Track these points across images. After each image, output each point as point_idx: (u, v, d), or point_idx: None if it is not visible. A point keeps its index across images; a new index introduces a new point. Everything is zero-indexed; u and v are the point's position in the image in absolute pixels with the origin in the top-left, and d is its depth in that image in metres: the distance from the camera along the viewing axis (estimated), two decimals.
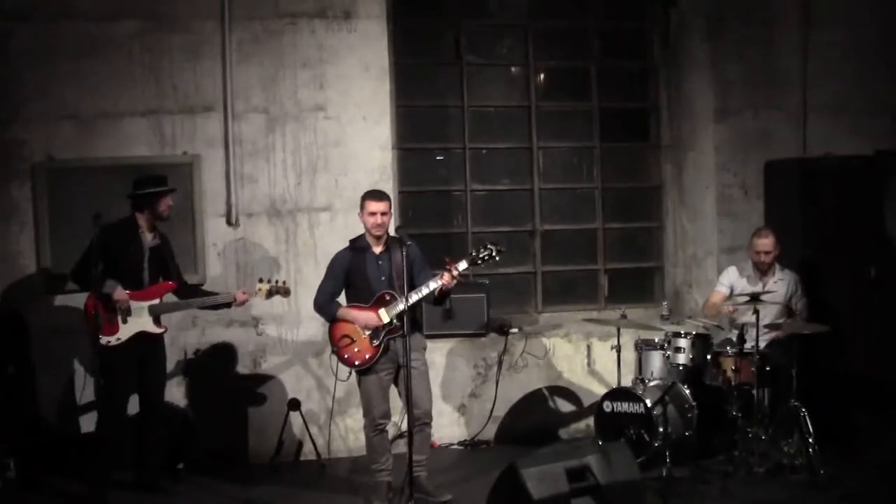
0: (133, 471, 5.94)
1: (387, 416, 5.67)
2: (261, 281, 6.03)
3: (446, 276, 5.44)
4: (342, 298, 5.76)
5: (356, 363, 5.57)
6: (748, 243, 6.65)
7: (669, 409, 6.15)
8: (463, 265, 5.49)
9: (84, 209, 5.86)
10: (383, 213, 5.57)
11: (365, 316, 5.55)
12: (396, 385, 5.70)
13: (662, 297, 7.88)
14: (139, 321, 5.76)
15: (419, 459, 5.59)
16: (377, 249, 5.62)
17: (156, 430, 5.97)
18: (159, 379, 6.01)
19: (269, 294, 5.97)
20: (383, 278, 5.56)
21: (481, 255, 5.55)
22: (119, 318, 5.71)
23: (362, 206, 5.63)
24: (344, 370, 5.65)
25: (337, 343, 5.61)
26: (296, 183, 6.83)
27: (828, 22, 7.53)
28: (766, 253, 6.50)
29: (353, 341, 5.57)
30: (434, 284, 5.46)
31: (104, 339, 5.66)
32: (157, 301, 5.84)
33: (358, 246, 5.68)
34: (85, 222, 5.63)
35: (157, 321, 5.85)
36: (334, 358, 5.67)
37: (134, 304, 5.74)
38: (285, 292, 6.01)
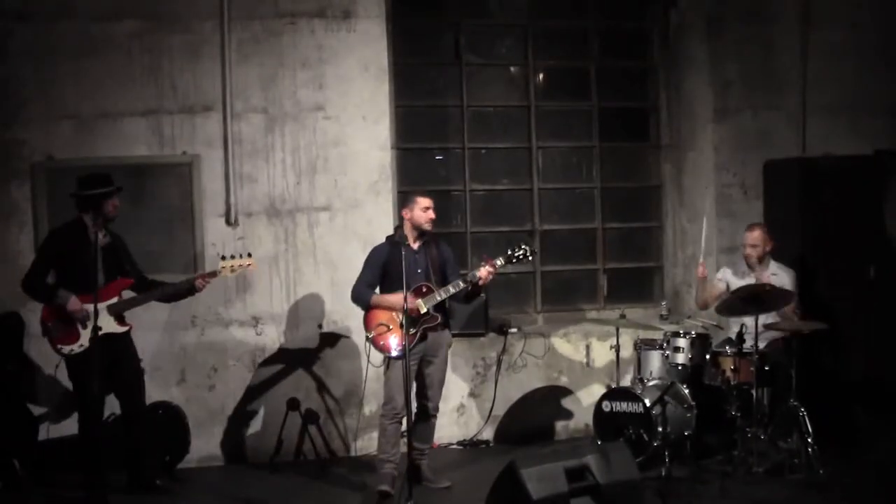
0: (128, 471, 5.90)
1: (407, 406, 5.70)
2: (223, 258, 5.93)
3: (484, 270, 5.71)
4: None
5: (392, 351, 5.69)
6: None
7: (668, 409, 6.14)
8: (500, 262, 5.79)
9: None
10: (434, 209, 5.83)
11: (397, 298, 5.61)
12: (418, 376, 5.84)
13: (662, 296, 7.88)
14: (100, 324, 5.48)
15: (422, 448, 5.86)
16: (414, 245, 5.79)
17: (141, 430, 5.88)
18: (133, 379, 5.88)
19: (233, 270, 5.87)
20: (419, 271, 5.75)
21: (517, 254, 5.84)
22: (78, 326, 5.58)
23: (412, 203, 5.81)
24: (377, 357, 5.78)
25: (373, 330, 5.72)
26: (295, 183, 6.84)
27: (828, 22, 7.53)
28: (753, 246, 6.49)
29: (389, 329, 5.70)
30: (470, 278, 5.73)
31: (66, 349, 5.61)
32: (115, 300, 5.71)
33: (396, 241, 5.79)
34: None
35: (119, 320, 5.73)
36: (369, 345, 5.74)
37: (91, 308, 5.46)
38: (248, 265, 5.91)
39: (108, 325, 5.63)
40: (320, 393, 6.86)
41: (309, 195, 6.86)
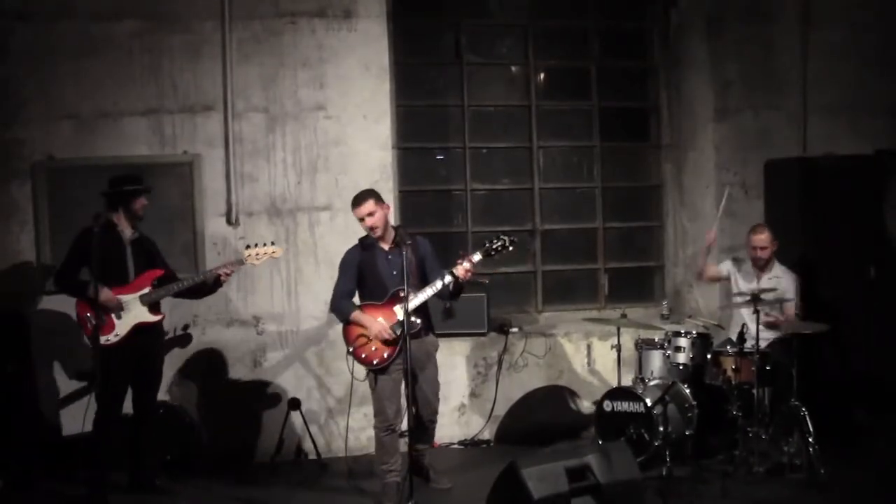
0: (128, 471, 5.90)
1: (399, 415, 5.64)
2: (248, 247, 5.92)
3: (460, 268, 5.47)
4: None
5: (374, 362, 5.56)
6: (745, 240, 6.65)
7: (669, 409, 6.15)
8: (477, 256, 5.54)
9: (84, 209, 5.86)
10: (369, 214, 5.53)
11: (377, 326, 5.50)
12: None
13: (662, 296, 7.89)
14: (133, 314, 5.71)
15: (422, 448, 5.77)
16: (385, 246, 5.61)
17: (148, 431, 5.91)
18: (154, 377, 5.92)
19: (258, 258, 5.87)
20: (395, 273, 5.49)
21: (495, 247, 5.57)
22: (113, 316, 5.68)
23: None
24: (360, 371, 5.64)
25: (353, 343, 5.59)
26: (296, 182, 6.84)
27: (828, 22, 7.54)
28: (763, 248, 6.51)
29: (369, 340, 5.55)
30: (448, 278, 5.49)
31: (102, 339, 5.61)
32: (147, 290, 5.78)
33: (367, 243, 5.67)
34: (85, 222, 5.64)
35: (152, 309, 5.80)
36: (350, 358, 5.61)
37: (124, 298, 5.70)
38: (273, 254, 5.91)
39: (142, 315, 5.74)
40: (320, 393, 6.86)
41: (310, 195, 6.85)
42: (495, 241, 5.58)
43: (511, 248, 5.61)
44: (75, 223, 5.92)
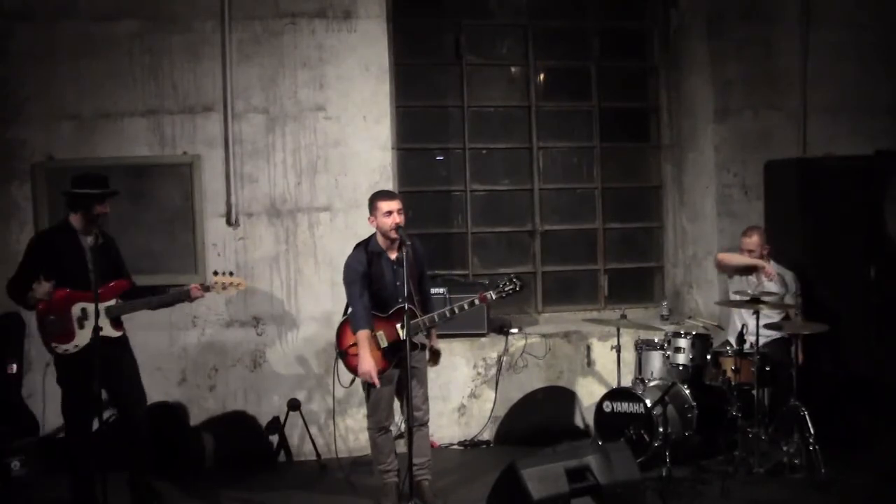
0: (128, 474, 5.74)
1: (391, 416, 5.62)
2: (216, 274, 5.65)
3: (476, 297, 5.52)
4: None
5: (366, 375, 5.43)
6: (739, 244, 6.63)
7: (669, 410, 6.15)
8: (491, 296, 5.53)
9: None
10: (399, 211, 5.41)
11: (365, 367, 5.33)
12: (399, 391, 5.57)
13: (662, 297, 7.89)
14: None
15: (420, 462, 5.55)
16: (392, 255, 5.45)
17: (137, 438, 5.60)
18: (130, 385, 5.57)
19: (224, 287, 5.61)
20: (398, 283, 5.33)
21: (507, 289, 5.56)
22: (75, 325, 5.35)
23: (374, 208, 5.44)
24: (346, 376, 5.52)
25: (345, 349, 5.48)
26: (296, 183, 6.84)
27: (828, 22, 7.54)
28: (751, 252, 6.48)
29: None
30: (471, 304, 5.51)
31: (61, 348, 5.36)
32: (113, 302, 5.44)
33: (371, 250, 5.47)
34: None
35: (115, 324, 5.45)
36: (337, 361, 5.55)
37: (90, 307, 5.23)
38: (237, 285, 5.64)
39: (105, 328, 5.34)
40: (320, 393, 6.85)
41: (309, 195, 6.85)
42: (508, 283, 5.56)
43: (519, 290, 5.65)
44: None
